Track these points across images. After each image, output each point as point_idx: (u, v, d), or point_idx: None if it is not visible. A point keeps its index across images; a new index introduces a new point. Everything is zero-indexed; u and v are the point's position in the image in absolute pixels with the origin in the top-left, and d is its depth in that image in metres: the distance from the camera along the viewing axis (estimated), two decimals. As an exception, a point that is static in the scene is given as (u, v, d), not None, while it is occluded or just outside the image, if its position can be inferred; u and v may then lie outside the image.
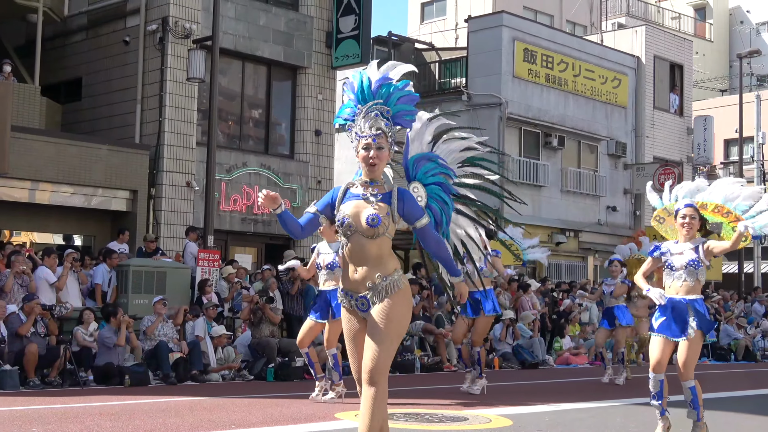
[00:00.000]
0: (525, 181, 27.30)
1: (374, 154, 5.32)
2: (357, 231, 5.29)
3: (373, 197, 5.34)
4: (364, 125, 5.35)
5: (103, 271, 15.71)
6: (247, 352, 15.20)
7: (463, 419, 9.45)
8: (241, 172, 20.93)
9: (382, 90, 5.47)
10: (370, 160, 5.33)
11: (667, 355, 7.97)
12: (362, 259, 5.33)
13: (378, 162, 5.35)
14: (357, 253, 5.33)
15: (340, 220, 5.33)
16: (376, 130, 5.33)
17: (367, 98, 5.43)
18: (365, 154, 5.33)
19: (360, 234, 5.29)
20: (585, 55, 29.74)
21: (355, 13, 22.30)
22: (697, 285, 7.89)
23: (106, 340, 13.30)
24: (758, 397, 13.09)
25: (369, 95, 5.44)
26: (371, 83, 5.45)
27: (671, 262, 7.90)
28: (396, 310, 5.30)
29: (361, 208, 5.31)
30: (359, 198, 5.36)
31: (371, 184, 5.38)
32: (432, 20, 42.49)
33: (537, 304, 20.36)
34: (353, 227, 5.29)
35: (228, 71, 21.55)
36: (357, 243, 5.31)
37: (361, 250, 5.32)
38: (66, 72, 22.24)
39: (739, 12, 52.82)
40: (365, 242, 5.30)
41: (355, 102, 5.48)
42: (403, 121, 5.57)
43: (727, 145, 42.18)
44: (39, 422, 8.73)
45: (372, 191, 5.37)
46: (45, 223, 19.22)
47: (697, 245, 7.89)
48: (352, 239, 5.31)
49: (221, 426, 8.71)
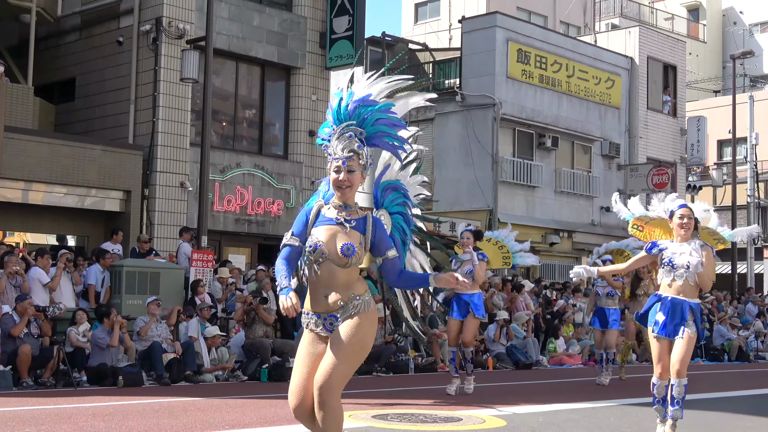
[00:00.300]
0: (519, 181, 27.33)
1: (344, 177, 5.21)
2: (329, 259, 5.17)
3: (347, 223, 5.24)
4: (337, 147, 5.24)
5: (96, 271, 15.68)
6: (241, 353, 15.19)
7: (457, 420, 9.46)
8: (234, 173, 20.92)
9: (359, 111, 5.36)
10: (341, 183, 5.22)
11: (668, 357, 7.97)
12: (331, 285, 5.21)
13: (349, 185, 5.24)
14: (326, 280, 5.20)
15: (312, 246, 5.18)
16: (348, 152, 5.21)
17: (343, 119, 5.34)
18: (336, 177, 5.22)
19: (331, 261, 5.18)
20: (578, 55, 29.79)
21: (349, 13, 22.29)
22: (696, 286, 7.91)
23: (99, 341, 13.28)
24: (752, 397, 13.12)
25: (345, 116, 5.35)
26: (349, 104, 5.35)
27: (672, 260, 7.89)
28: (361, 330, 5.18)
29: (335, 235, 5.20)
30: (333, 222, 5.23)
31: (345, 209, 5.27)
32: (426, 21, 42.50)
33: (531, 305, 20.37)
34: (326, 255, 5.17)
35: (222, 72, 21.53)
36: (327, 270, 5.19)
37: (331, 277, 5.20)
38: (59, 72, 22.19)
39: (732, 13, 52.92)
40: (336, 270, 5.19)
41: (332, 122, 5.40)
42: (381, 142, 5.49)
43: (721, 145, 42.25)
44: (32, 423, 8.72)
45: (346, 216, 5.25)
46: (38, 223, 19.18)
47: (697, 247, 7.91)
48: (323, 265, 5.19)
49: (215, 427, 8.70)
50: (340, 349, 5.13)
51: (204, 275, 16.60)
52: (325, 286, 5.21)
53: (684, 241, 7.93)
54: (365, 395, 11.82)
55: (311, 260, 5.21)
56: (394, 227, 5.93)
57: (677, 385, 7.89)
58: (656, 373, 8.02)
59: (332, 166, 5.25)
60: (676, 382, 7.89)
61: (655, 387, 8.05)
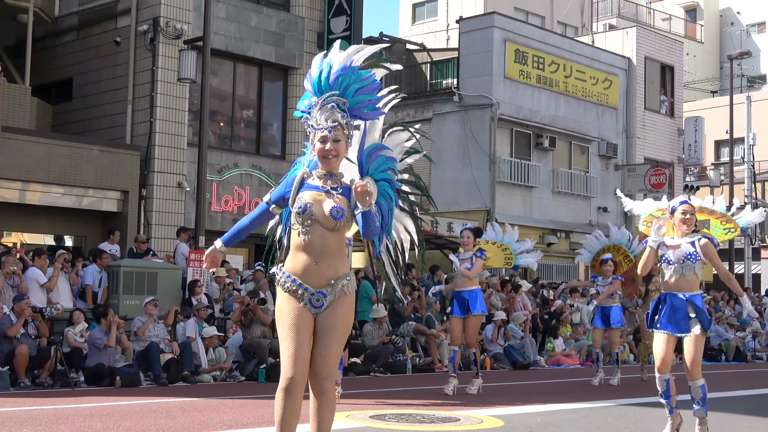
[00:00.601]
0: (516, 181, 27.33)
1: (331, 147, 5.20)
2: (318, 221, 5.14)
3: (334, 190, 5.23)
4: (320, 117, 5.24)
5: (93, 271, 15.67)
6: (239, 353, 15.18)
7: (454, 420, 9.45)
8: (232, 173, 20.91)
9: (340, 81, 5.35)
10: (327, 153, 5.21)
11: (671, 353, 7.97)
12: (322, 251, 5.16)
13: (335, 155, 5.23)
14: (317, 245, 5.15)
15: (302, 207, 5.14)
16: (333, 122, 5.22)
17: (324, 90, 5.33)
18: (321, 146, 5.21)
19: (320, 224, 5.14)
20: (576, 56, 29.80)
21: (347, 13, 22.29)
22: (694, 279, 7.91)
23: (96, 341, 13.27)
24: (749, 397, 13.13)
25: (326, 86, 5.34)
26: (330, 74, 5.34)
27: (667, 256, 7.92)
28: (347, 314, 5.21)
29: (324, 200, 5.19)
30: (319, 190, 5.23)
31: (331, 177, 5.27)
32: (423, 21, 42.51)
33: (528, 305, 20.38)
34: (315, 216, 5.14)
35: (219, 72, 21.52)
36: (318, 234, 5.14)
37: (323, 242, 5.15)
38: (57, 72, 22.19)
39: (730, 13, 52.98)
40: (326, 234, 5.15)
41: (312, 93, 5.39)
42: (361, 113, 5.48)
43: (718, 146, 42.30)
44: (29, 423, 8.71)
45: (332, 184, 5.25)
46: (35, 223, 19.18)
47: (693, 240, 7.92)
48: (313, 229, 5.14)
49: (213, 427, 8.69)
50: (335, 334, 5.13)
51: (201, 275, 16.58)
52: (316, 252, 5.15)
53: (686, 235, 7.96)
54: (363, 395, 11.82)
55: (300, 222, 5.16)
56: (380, 194, 5.89)
57: (693, 387, 7.91)
58: (656, 366, 8.04)
59: (317, 137, 5.23)
60: (692, 385, 7.90)
61: (657, 380, 8.07)
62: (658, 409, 11.13)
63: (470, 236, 12.53)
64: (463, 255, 12.44)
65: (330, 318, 5.14)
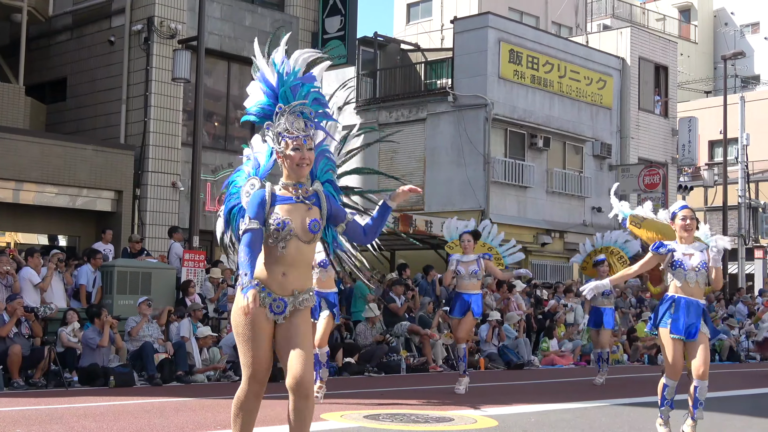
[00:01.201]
0: (510, 181, 27.34)
1: (306, 155, 5.23)
2: (296, 236, 5.17)
3: (306, 200, 5.27)
4: (292, 126, 5.24)
5: (87, 271, 15.64)
6: (233, 353, 15.15)
7: (448, 420, 9.46)
8: (226, 173, 20.64)
9: (302, 90, 5.41)
10: (302, 161, 5.22)
11: (682, 358, 7.97)
12: (295, 263, 5.21)
13: (309, 163, 5.26)
14: (292, 258, 5.19)
15: (280, 223, 5.15)
16: (305, 131, 5.25)
17: (289, 98, 5.36)
18: (296, 154, 5.21)
19: (297, 238, 5.18)
20: (570, 56, 29.82)
21: (341, 13, 22.29)
22: (704, 287, 7.95)
23: (90, 341, 13.25)
24: (743, 397, 13.15)
25: (290, 94, 5.37)
26: (289, 82, 5.39)
27: (682, 262, 7.91)
28: (308, 326, 5.29)
29: (299, 212, 5.22)
30: (292, 201, 5.24)
31: (300, 187, 5.29)
32: (418, 21, 42.50)
33: (522, 305, 20.39)
34: (293, 232, 5.17)
35: (213, 71, 21.51)
36: (294, 247, 5.18)
37: (298, 255, 5.20)
38: (51, 72, 22.16)
39: (724, 14, 53.07)
40: (302, 247, 5.20)
41: (272, 100, 5.41)
42: (317, 124, 5.56)
43: (712, 146, 42.37)
44: (23, 423, 8.69)
45: (303, 194, 5.28)
46: (29, 223, 19.15)
47: (702, 249, 7.96)
48: (290, 243, 5.17)
49: (207, 427, 8.69)
50: (305, 345, 5.16)
51: (195, 275, 16.57)
52: (289, 263, 5.19)
53: (688, 243, 7.96)
54: (357, 395, 11.82)
55: (276, 238, 5.17)
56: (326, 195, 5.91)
57: (701, 387, 7.89)
58: (668, 373, 7.99)
59: (290, 145, 5.22)
60: (701, 384, 7.88)
61: (667, 389, 8.00)
62: (652, 409, 11.16)
63: (470, 239, 12.58)
64: (465, 258, 12.49)
65: (297, 329, 5.19)
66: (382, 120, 28.84)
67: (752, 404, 12.30)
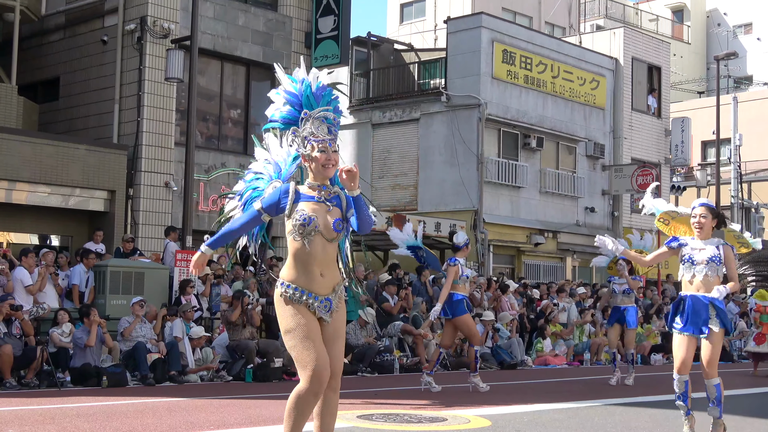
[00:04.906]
0: (504, 182, 27.35)
1: (333, 157, 5.42)
2: (320, 232, 5.32)
3: (328, 201, 5.42)
4: (318, 130, 5.45)
5: (80, 271, 15.61)
6: (226, 353, 15.15)
7: (441, 420, 9.46)
8: (219, 173, 20.87)
9: (326, 97, 5.66)
10: (328, 162, 5.40)
11: (691, 354, 8.01)
12: (325, 261, 5.38)
13: (335, 164, 5.43)
14: (320, 255, 5.35)
15: (306, 219, 5.30)
16: (329, 135, 5.47)
17: (313, 104, 5.59)
18: (324, 156, 5.39)
19: (322, 235, 5.33)
20: (563, 56, 29.85)
21: (334, 13, 22.28)
22: (716, 281, 7.97)
23: (79, 341, 13.22)
24: (738, 397, 13.15)
25: (314, 102, 5.60)
26: (314, 90, 5.64)
27: (692, 257, 7.97)
28: (344, 315, 5.56)
29: (323, 211, 5.37)
30: (314, 200, 5.40)
31: (324, 188, 5.45)
32: (411, 21, 42.48)
33: (515, 305, 20.40)
34: (318, 228, 5.32)
35: (207, 71, 21.48)
36: (319, 245, 5.34)
37: (324, 252, 5.36)
38: (43, 71, 22.11)
39: (717, 14, 53.17)
40: (327, 245, 5.37)
41: (297, 107, 5.64)
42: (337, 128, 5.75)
43: (705, 146, 42.45)
44: (15, 423, 8.68)
45: (326, 195, 5.43)
46: (22, 223, 19.10)
47: (718, 244, 8.00)
48: (314, 240, 5.32)
49: (200, 427, 8.68)
50: (340, 344, 5.43)
51: (188, 275, 16.53)
52: (318, 262, 5.36)
53: (703, 239, 8.01)
54: (350, 395, 11.81)
55: (302, 233, 5.31)
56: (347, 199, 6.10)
57: (708, 386, 7.97)
58: (675, 367, 8.07)
59: (316, 148, 5.40)
60: (707, 383, 7.97)
61: (675, 382, 8.09)
62: (644, 409, 11.19)
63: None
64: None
65: (336, 326, 5.43)
66: (375, 120, 28.85)
67: (747, 404, 12.30)
